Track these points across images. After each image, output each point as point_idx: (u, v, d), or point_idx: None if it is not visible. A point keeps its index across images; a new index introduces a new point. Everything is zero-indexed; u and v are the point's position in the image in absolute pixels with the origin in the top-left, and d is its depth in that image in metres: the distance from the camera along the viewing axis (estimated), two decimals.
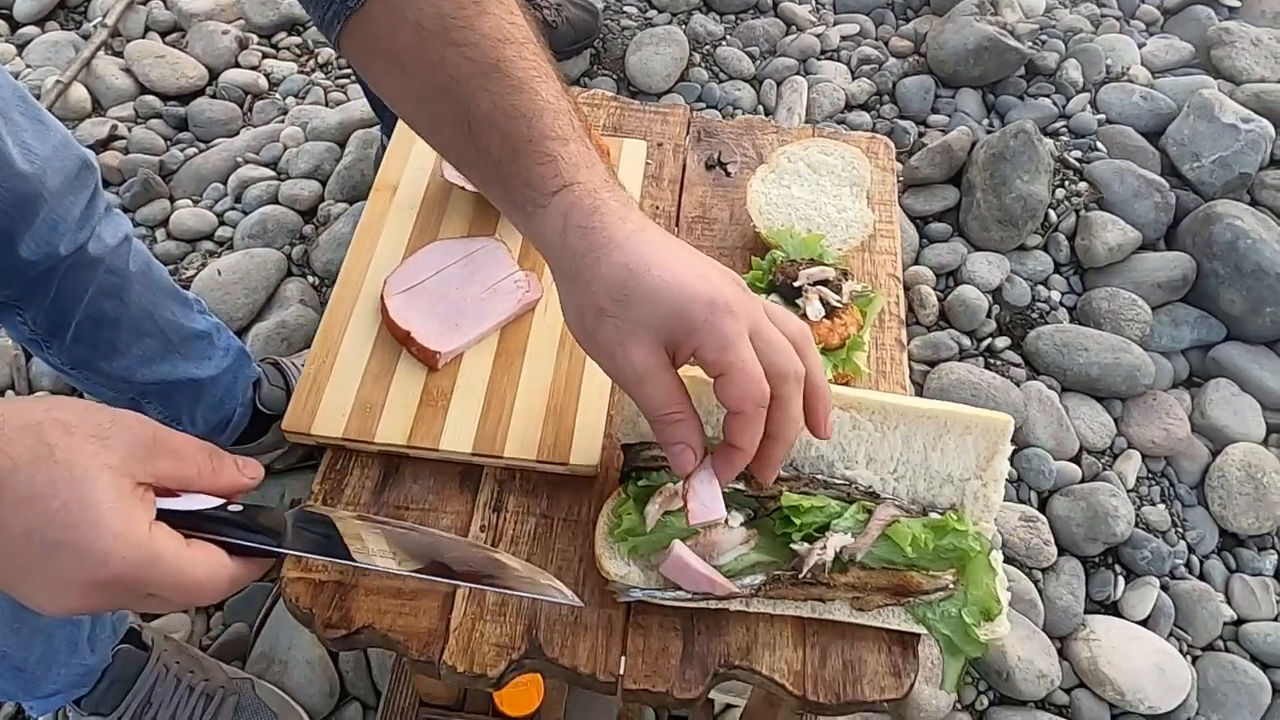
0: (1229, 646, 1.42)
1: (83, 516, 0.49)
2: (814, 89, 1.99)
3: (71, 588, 0.50)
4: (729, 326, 0.58)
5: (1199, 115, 1.85)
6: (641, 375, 0.60)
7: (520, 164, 0.62)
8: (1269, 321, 1.64)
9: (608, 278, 0.59)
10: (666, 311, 0.58)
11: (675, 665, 0.70)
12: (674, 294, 0.58)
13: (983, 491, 0.73)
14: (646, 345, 0.59)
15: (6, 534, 0.48)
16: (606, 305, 0.59)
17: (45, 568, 0.49)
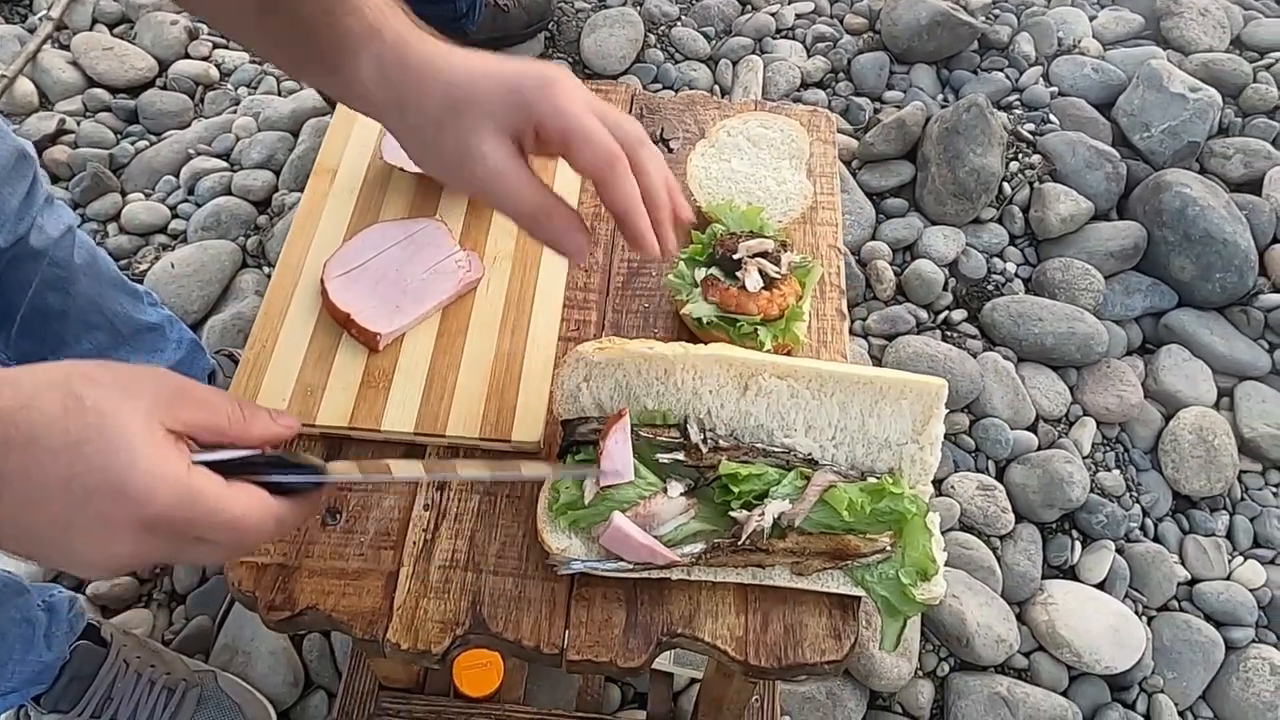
0: (1183, 606, 1.45)
1: (119, 457, 0.48)
2: (769, 68, 2.00)
3: (118, 532, 0.49)
4: (560, 95, 0.60)
5: (1148, 85, 1.87)
6: (498, 170, 0.61)
7: (330, 18, 0.63)
8: (1218, 287, 1.67)
9: (435, 94, 0.61)
10: (500, 99, 0.60)
11: (619, 635, 0.71)
12: (501, 81, 0.61)
13: (919, 455, 0.74)
14: (493, 138, 0.61)
15: (45, 486, 0.47)
16: (443, 118, 0.61)
17: (88, 516, 0.48)
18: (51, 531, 0.49)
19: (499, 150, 0.61)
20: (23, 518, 0.48)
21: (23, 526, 0.49)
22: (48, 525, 0.49)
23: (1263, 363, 1.65)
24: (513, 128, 0.61)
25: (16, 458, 0.47)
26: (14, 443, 0.47)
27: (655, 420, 0.73)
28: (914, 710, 1.34)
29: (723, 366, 0.73)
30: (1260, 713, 1.35)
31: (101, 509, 0.48)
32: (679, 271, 0.85)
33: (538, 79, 0.61)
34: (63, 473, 0.47)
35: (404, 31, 0.64)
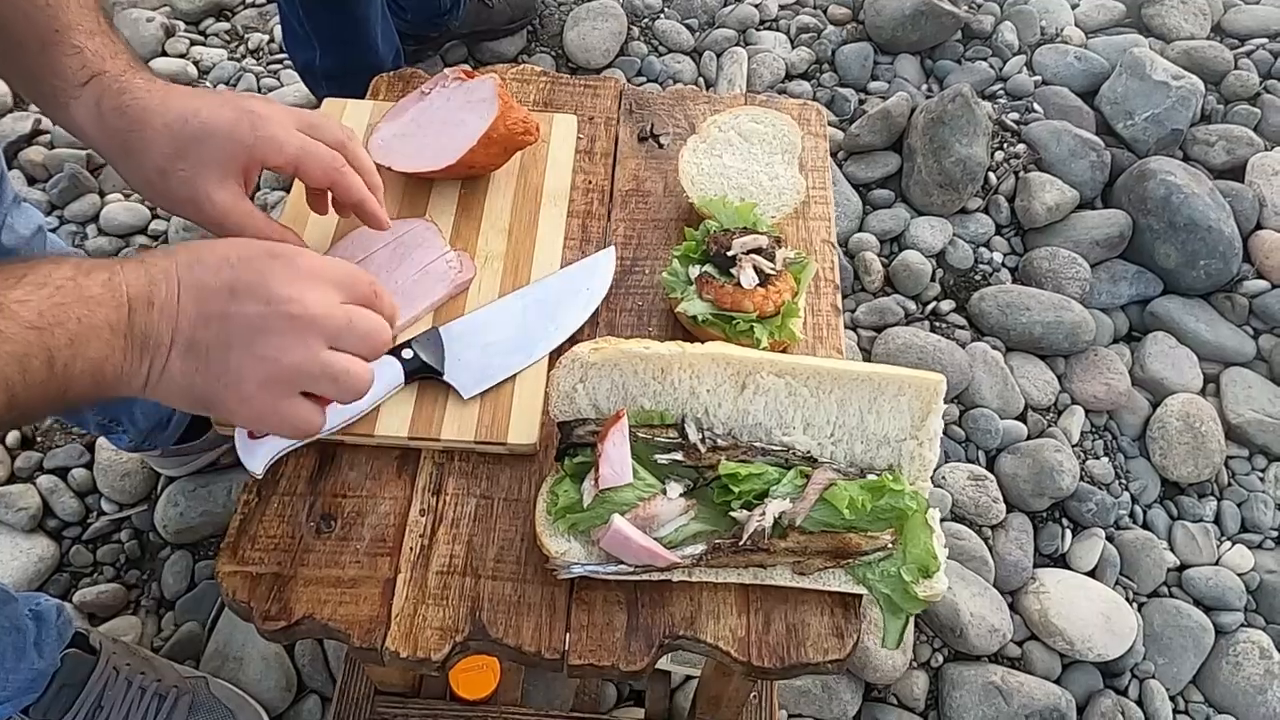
0: (1172, 592, 1.46)
1: None
2: (754, 59, 1.99)
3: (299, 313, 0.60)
4: (275, 130, 0.69)
5: (1131, 74, 1.88)
6: (225, 211, 0.69)
7: (48, 54, 0.67)
8: (1203, 274, 1.68)
9: (158, 140, 0.67)
10: (219, 145, 0.67)
11: (620, 638, 0.71)
12: (217, 128, 0.67)
13: (918, 451, 0.74)
14: (218, 182, 0.68)
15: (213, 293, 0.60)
16: (167, 165, 0.67)
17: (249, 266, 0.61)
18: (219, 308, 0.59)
19: (222, 193, 0.68)
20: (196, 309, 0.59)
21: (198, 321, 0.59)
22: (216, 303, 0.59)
23: (1248, 349, 1.66)
24: (236, 167, 0.68)
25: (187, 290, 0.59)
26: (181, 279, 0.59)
27: (653, 420, 0.73)
28: (909, 701, 1.35)
29: (720, 365, 0.73)
30: (1250, 696, 1.36)
31: (257, 265, 0.61)
32: (673, 269, 0.85)
33: (249, 123, 0.68)
34: (220, 251, 0.61)
35: (124, 76, 0.68)
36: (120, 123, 0.67)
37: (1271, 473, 1.56)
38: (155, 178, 0.68)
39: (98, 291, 0.56)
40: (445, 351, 0.79)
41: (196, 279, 0.59)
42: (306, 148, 0.70)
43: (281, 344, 0.59)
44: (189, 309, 0.58)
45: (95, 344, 0.55)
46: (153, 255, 0.59)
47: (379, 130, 0.92)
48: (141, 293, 0.57)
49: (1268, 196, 1.75)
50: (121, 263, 0.58)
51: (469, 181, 0.93)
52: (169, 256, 0.59)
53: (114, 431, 1.27)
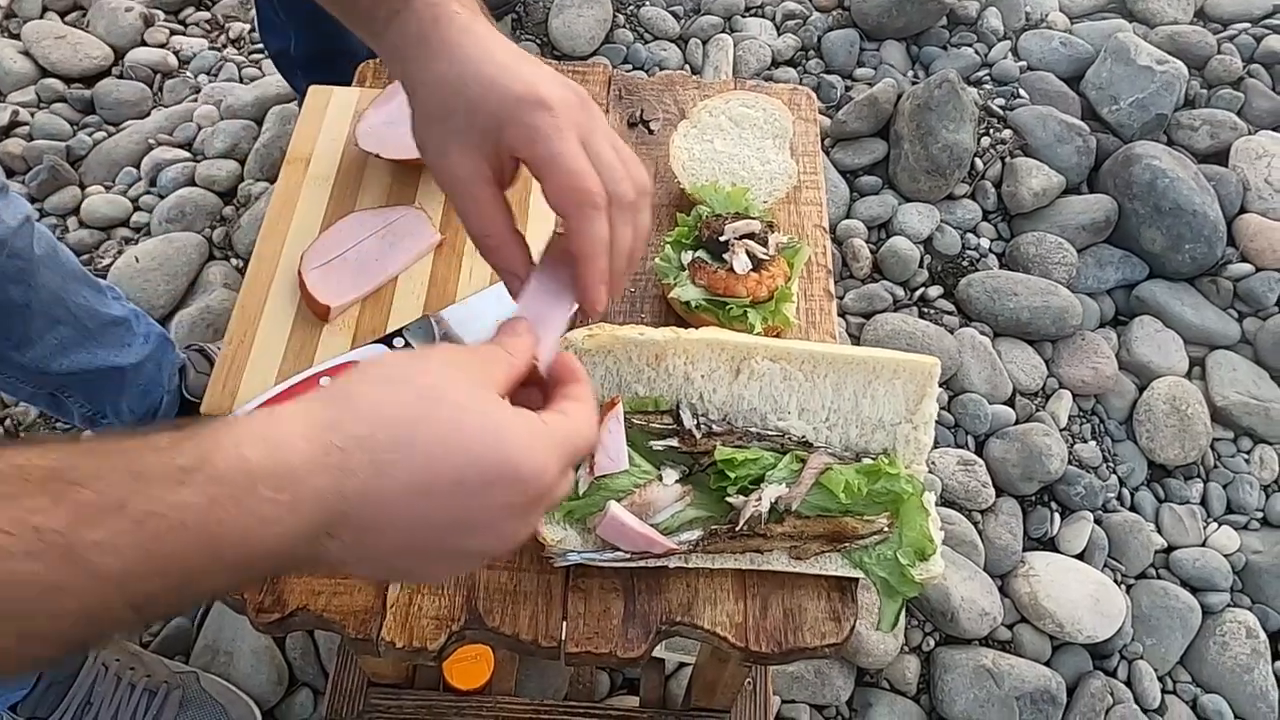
0: (1160, 573, 1.47)
1: (502, 443, 0.46)
2: (740, 46, 1.98)
3: (521, 513, 0.48)
4: (541, 119, 0.56)
5: (1116, 59, 1.88)
6: (459, 186, 0.59)
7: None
8: (1188, 258, 1.69)
9: (435, 82, 0.59)
10: (481, 113, 0.57)
11: (617, 626, 0.70)
12: (487, 94, 0.57)
13: (913, 434, 0.74)
14: (465, 153, 0.58)
15: (434, 495, 0.44)
16: (434, 110, 0.60)
17: (492, 505, 0.46)
18: (449, 539, 0.47)
19: (465, 166, 0.58)
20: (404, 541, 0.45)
21: (402, 553, 0.46)
22: (445, 532, 0.46)
23: (1232, 331, 1.67)
24: (489, 145, 0.58)
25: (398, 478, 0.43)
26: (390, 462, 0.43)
27: (647, 407, 0.72)
28: (901, 685, 1.35)
29: (714, 350, 0.72)
30: (1237, 675, 1.38)
31: (504, 494, 0.46)
32: (665, 255, 0.84)
33: (516, 100, 0.56)
34: (454, 469, 0.44)
35: (440, 2, 0.61)
36: (419, 52, 0.60)
37: (1257, 454, 1.58)
38: (420, 121, 0.61)
39: (242, 530, 0.40)
40: (437, 340, 0.79)
41: (412, 516, 0.44)
42: (559, 158, 0.56)
43: (484, 558, 0.51)
44: (394, 540, 0.45)
45: (223, 578, 0.42)
46: (355, 459, 0.43)
47: (366, 117, 0.91)
48: (313, 527, 0.42)
49: (1251, 180, 1.76)
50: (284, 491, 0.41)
51: None
52: (375, 467, 0.43)
53: (99, 424, 1.25)
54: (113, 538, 0.37)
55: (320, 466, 0.41)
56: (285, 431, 0.42)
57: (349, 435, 0.42)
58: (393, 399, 0.45)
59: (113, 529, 0.37)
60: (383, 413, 0.44)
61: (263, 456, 0.40)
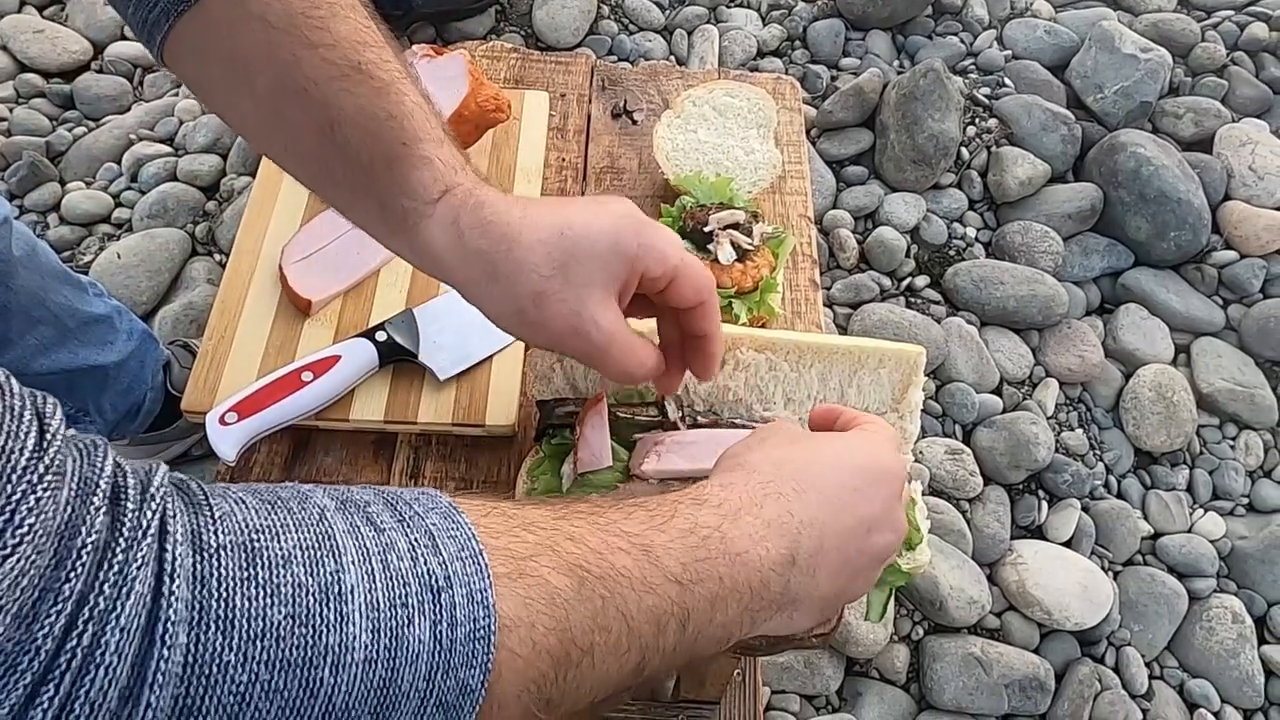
0: (1147, 560, 1.48)
1: (865, 448, 0.58)
2: (725, 37, 1.97)
3: (894, 507, 0.58)
4: (659, 240, 0.59)
5: (1100, 47, 1.88)
6: (612, 339, 0.57)
7: (396, 171, 0.57)
8: (1173, 246, 1.69)
9: (532, 259, 0.56)
10: (604, 259, 0.57)
11: None
12: (601, 238, 0.57)
13: (899, 423, 0.74)
14: (601, 302, 0.57)
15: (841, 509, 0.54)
16: (546, 287, 0.56)
17: (876, 499, 0.56)
18: (855, 550, 0.55)
19: (609, 314, 0.57)
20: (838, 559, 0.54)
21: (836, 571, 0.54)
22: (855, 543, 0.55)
23: (1217, 318, 1.68)
24: (618, 285, 0.58)
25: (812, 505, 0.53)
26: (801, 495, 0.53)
27: (632, 398, 0.72)
28: (890, 674, 1.36)
29: None
30: (1224, 660, 1.39)
31: (886, 492, 0.56)
32: None
33: (633, 232, 0.58)
34: (850, 481, 0.55)
35: (479, 189, 0.58)
36: (484, 242, 0.56)
37: (1242, 440, 1.58)
38: (529, 305, 0.56)
39: (744, 547, 0.48)
40: (420, 334, 0.78)
41: (839, 526, 0.53)
42: (687, 260, 0.60)
43: (882, 563, 0.59)
44: (831, 560, 0.53)
45: (733, 606, 0.48)
46: (777, 496, 0.52)
47: None
48: (785, 552, 0.50)
49: (1235, 167, 1.77)
50: (756, 513, 0.50)
51: None
52: (796, 494, 0.52)
53: (81, 421, 1.24)
54: (670, 541, 0.46)
55: (764, 495, 0.52)
56: (737, 477, 0.53)
57: (766, 470, 0.54)
58: (778, 452, 0.56)
59: (670, 535, 0.47)
60: (774, 454, 0.56)
61: (735, 493, 0.51)
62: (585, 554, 0.42)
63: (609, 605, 0.42)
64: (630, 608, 0.43)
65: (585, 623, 0.41)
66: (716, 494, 0.50)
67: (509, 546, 0.40)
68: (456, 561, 0.38)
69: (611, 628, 0.42)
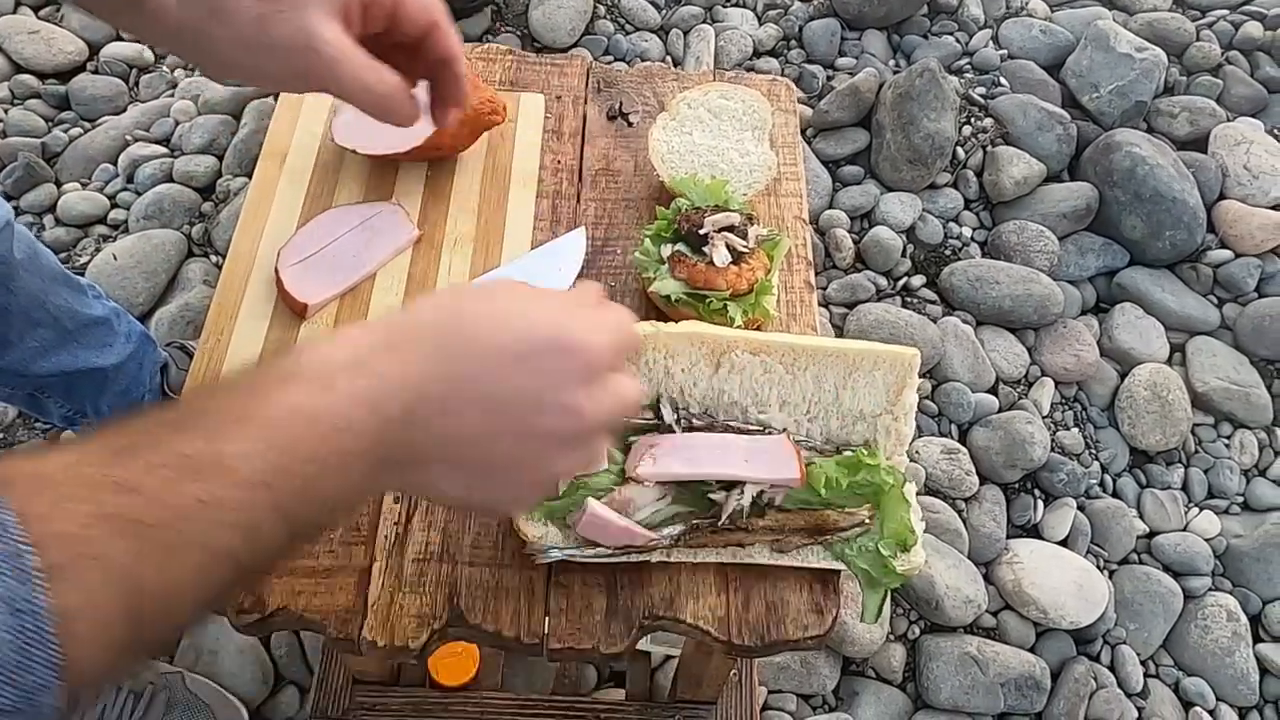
0: (1142, 559, 1.49)
1: (545, 313, 0.52)
2: (721, 37, 1.98)
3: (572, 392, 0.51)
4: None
5: (1095, 46, 1.89)
6: (339, 54, 0.58)
7: None
8: (1168, 245, 1.70)
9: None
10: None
11: (600, 621, 0.70)
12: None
13: (894, 426, 0.74)
14: (325, 21, 0.58)
15: (482, 380, 0.49)
16: (266, 9, 0.57)
17: (543, 382, 0.50)
18: (508, 425, 0.50)
19: (334, 29, 0.58)
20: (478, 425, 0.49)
21: (476, 439, 0.50)
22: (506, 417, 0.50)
23: (1212, 318, 1.68)
24: (339, 7, 0.59)
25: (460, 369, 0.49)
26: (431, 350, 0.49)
27: None
28: (887, 674, 1.36)
29: (694, 344, 0.72)
30: (1219, 658, 1.39)
31: (551, 365, 0.50)
32: (645, 249, 0.84)
33: None
34: (504, 345, 0.49)
35: None
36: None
37: (1237, 439, 1.59)
38: (254, 31, 0.57)
39: (339, 423, 0.45)
40: None
41: (478, 386, 0.49)
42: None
43: (567, 454, 0.53)
44: (465, 422, 0.49)
45: (333, 480, 0.46)
46: (409, 341, 0.48)
47: (342, 112, 0.90)
48: (403, 403, 0.47)
49: (1230, 167, 1.77)
50: (363, 376, 0.46)
51: (436, 163, 0.92)
52: (434, 345, 0.49)
53: (79, 424, 1.24)
54: (247, 445, 0.42)
55: (387, 348, 0.48)
56: (351, 334, 0.48)
57: (412, 323, 0.49)
58: (427, 304, 0.51)
59: (245, 436, 0.43)
60: (420, 315, 0.50)
61: (339, 352, 0.47)
62: (143, 504, 0.39)
63: (181, 546, 0.40)
64: (210, 535, 0.41)
65: (156, 575, 0.39)
66: (315, 361, 0.46)
67: (60, 530, 0.37)
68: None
69: (190, 561, 0.40)
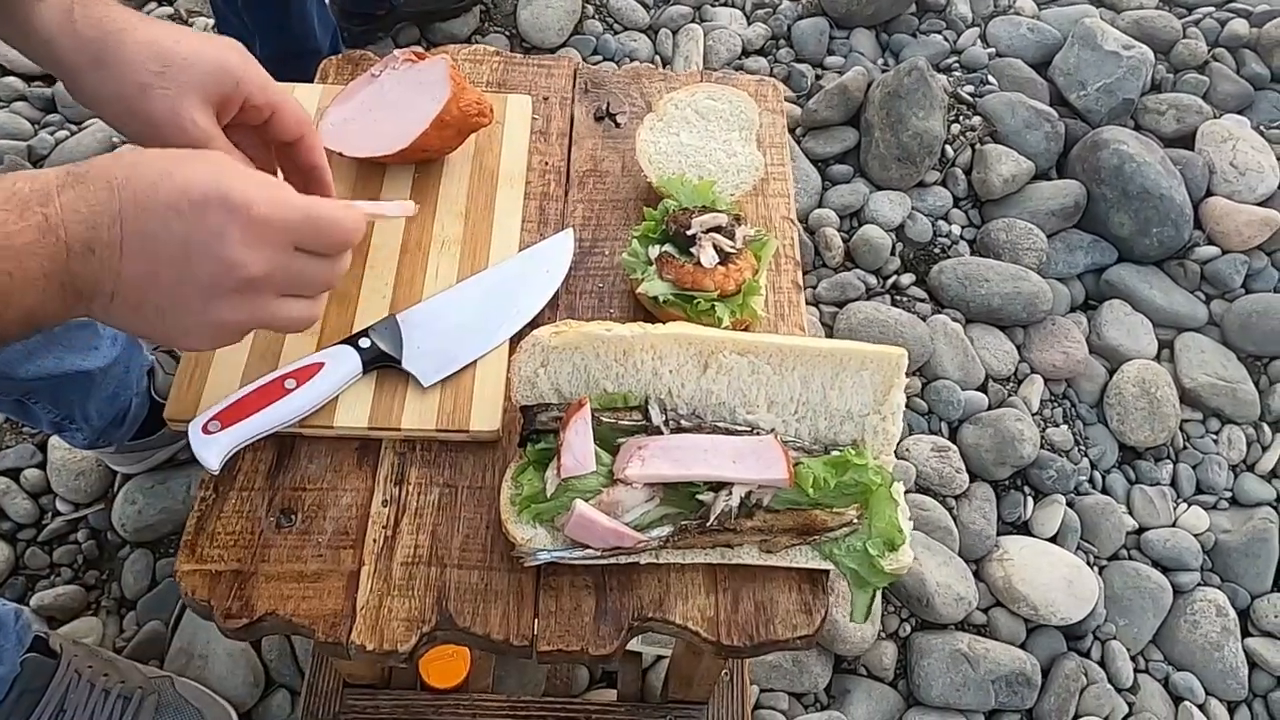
0: (1132, 554, 1.49)
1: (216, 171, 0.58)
2: (710, 36, 1.98)
3: (231, 248, 0.57)
4: (261, 74, 0.70)
5: (1083, 44, 1.89)
6: (208, 136, 0.67)
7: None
8: (1156, 242, 1.70)
9: (142, 54, 0.65)
10: (209, 70, 0.67)
11: (589, 623, 0.70)
12: (209, 55, 0.67)
13: (881, 425, 0.74)
14: (199, 108, 0.66)
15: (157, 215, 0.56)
16: (149, 79, 0.65)
17: (203, 233, 0.56)
18: (171, 271, 0.56)
19: (205, 120, 0.67)
20: (145, 266, 0.56)
21: (146, 279, 0.56)
22: (167, 263, 0.56)
23: (1200, 314, 1.69)
24: (218, 96, 0.67)
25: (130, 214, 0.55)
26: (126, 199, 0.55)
27: (616, 403, 0.72)
28: (878, 671, 1.36)
29: (682, 345, 0.72)
30: (1208, 653, 1.40)
31: (211, 220, 0.56)
32: (633, 250, 0.84)
33: (240, 58, 0.69)
34: (169, 196, 0.55)
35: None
36: (96, 32, 0.65)
37: (1225, 435, 1.60)
38: (133, 92, 0.65)
39: (32, 238, 0.53)
40: (404, 339, 0.78)
41: (145, 229, 0.55)
42: (285, 94, 0.71)
43: (232, 305, 0.59)
44: (135, 263, 0.56)
45: (30, 293, 0.53)
46: (93, 180, 0.55)
47: (328, 114, 0.90)
48: (80, 237, 0.54)
49: (1217, 164, 1.78)
50: (58, 191, 0.54)
51: (423, 166, 0.92)
52: (110, 188, 0.55)
53: (67, 429, 1.24)
54: None
55: (72, 199, 0.54)
56: (44, 172, 0.55)
57: (95, 165, 0.55)
58: (129, 155, 0.57)
59: None
60: (123, 157, 0.56)
61: (32, 183, 0.54)
62: None
63: None
64: None
65: None
66: (14, 197, 0.53)
67: None
68: None
69: None
